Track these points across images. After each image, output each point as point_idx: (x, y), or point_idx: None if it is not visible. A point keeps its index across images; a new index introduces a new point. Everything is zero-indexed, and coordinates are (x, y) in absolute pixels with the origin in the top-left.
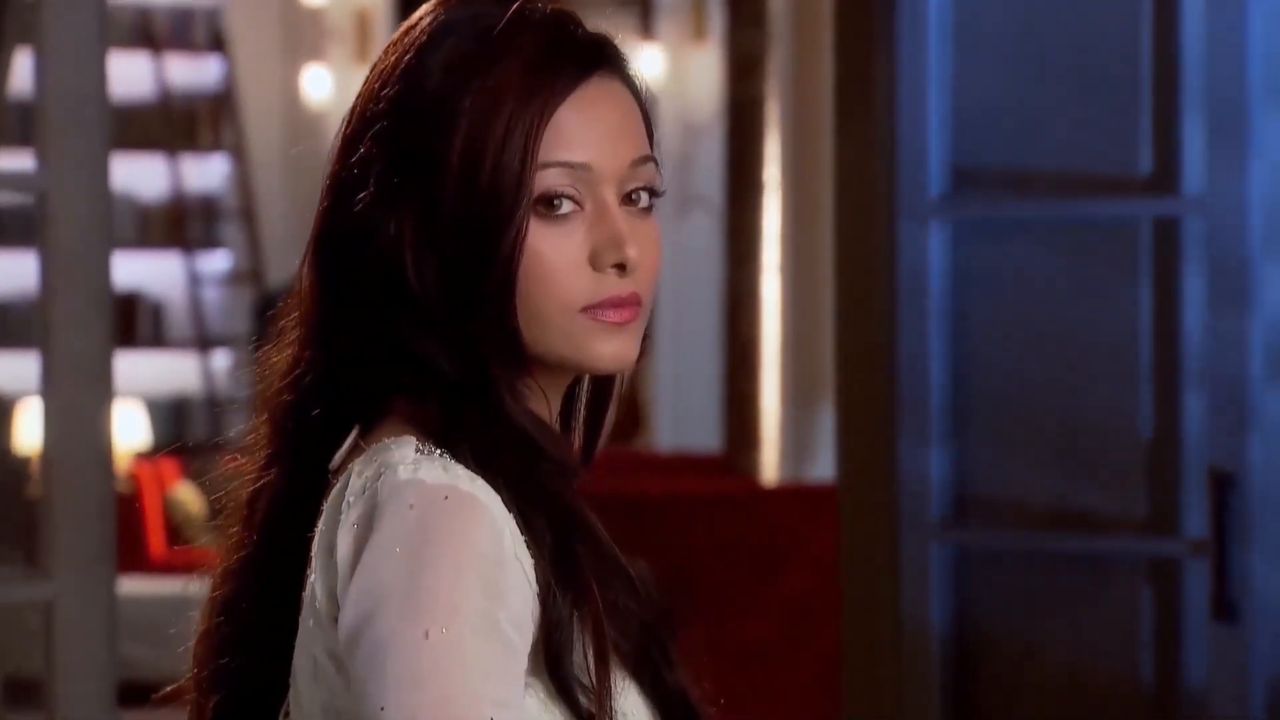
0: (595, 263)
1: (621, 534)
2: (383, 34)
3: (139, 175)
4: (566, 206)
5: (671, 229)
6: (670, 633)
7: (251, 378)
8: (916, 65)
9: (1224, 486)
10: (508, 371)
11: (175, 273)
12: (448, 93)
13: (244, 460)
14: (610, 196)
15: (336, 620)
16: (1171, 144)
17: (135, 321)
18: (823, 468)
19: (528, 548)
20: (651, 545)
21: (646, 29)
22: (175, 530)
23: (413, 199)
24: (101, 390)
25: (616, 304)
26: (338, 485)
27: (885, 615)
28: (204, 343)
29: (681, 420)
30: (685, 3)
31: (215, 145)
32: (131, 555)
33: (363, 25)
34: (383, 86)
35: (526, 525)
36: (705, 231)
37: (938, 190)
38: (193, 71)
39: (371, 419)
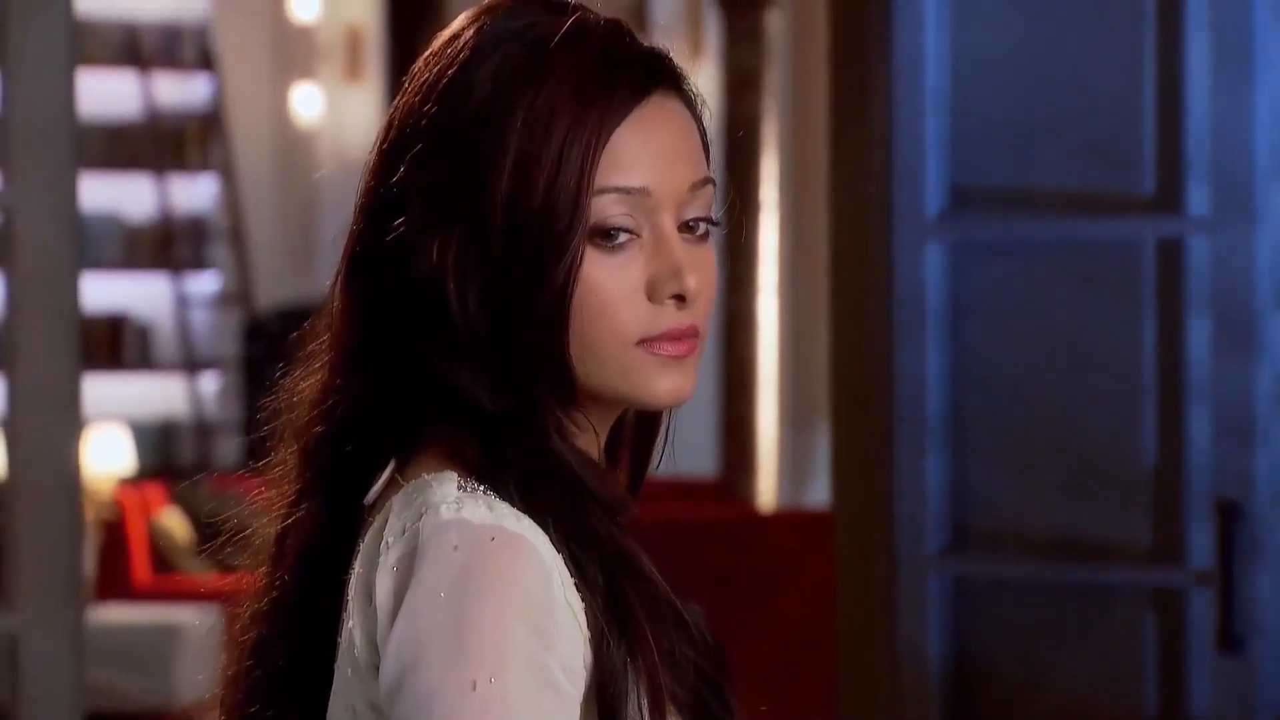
0: (653, 294)
1: None
2: (374, 52)
3: (126, 195)
4: (623, 236)
5: None
6: (726, 679)
7: (278, 404)
8: (913, 81)
9: (1230, 515)
10: (555, 407)
11: (162, 294)
12: (497, 110)
13: (271, 494)
14: (668, 223)
15: (377, 669)
16: (1175, 162)
17: (122, 344)
18: (821, 492)
19: (577, 591)
20: None
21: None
22: (161, 557)
23: (457, 223)
24: (69, 417)
25: (675, 337)
26: (374, 524)
27: (882, 646)
28: (191, 365)
29: (677, 444)
30: (681, 19)
31: (204, 165)
32: (115, 582)
33: (354, 43)
34: (424, 102)
35: (577, 568)
36: None
37: (935, 209)
38: (181, 90)
39: (408, 452)
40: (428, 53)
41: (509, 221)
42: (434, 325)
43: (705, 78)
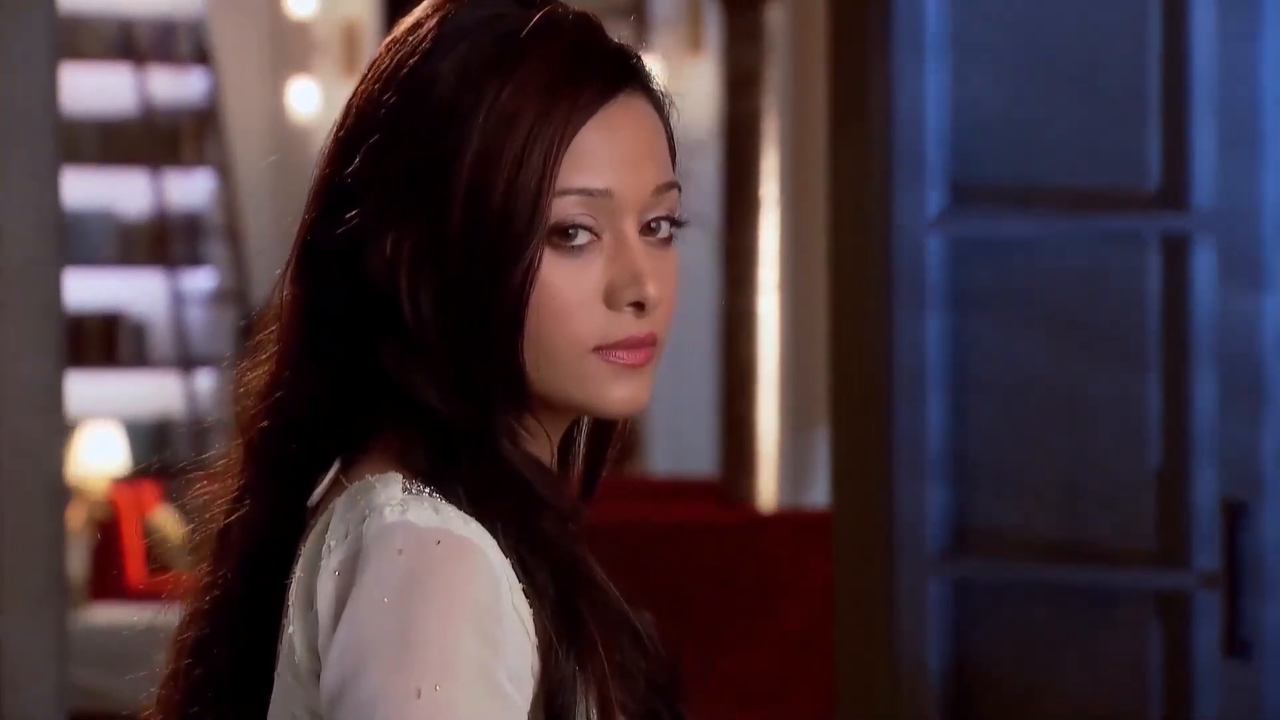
0: (611, 300)
1: (613, 562)
2: (371, 47)
3: (121, 191)
4: (583, 237)
5: None
6: (679, 692)
7: (229, 396)
8: (913, 77)
9: (1237, 517)
10: (506, 411)
11: (158, 292)
12: (459, 104)
13: (215, 488)
14: (630, 227)
15: (318, 676)
16: (1181, 156)
17: (116, 342)
18: (822, 494)
19: (526, 597)
20: (644, 574)
21: (642, 41)
22: (155, 556)
23: (413, 218)
24: (52, 418)
25: (632, 345)
26: (317, 527)
27: (881, 653)
28: (187, 363)
29: (676, 444)
30: (681, 15)
31: (199, 161)
32: (109, 582)
33: (350, 38)
34: (384, 91)
35: (526, 574)
36: (701, 251)
37: (936, 206)
38: (176, 85)
39: (355, 452)
40: (389, 39)
41: (467, 219)
42: (384, 322)
43: (705, 75)
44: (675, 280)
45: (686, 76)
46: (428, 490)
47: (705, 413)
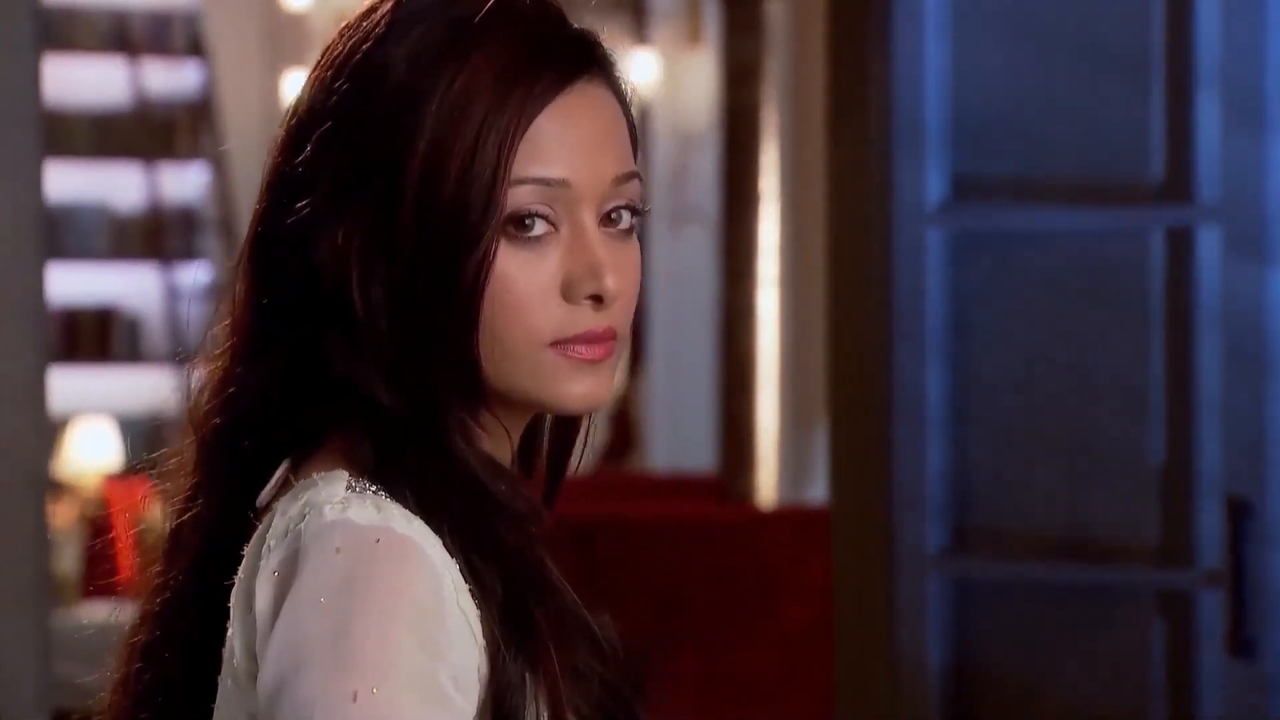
0: (569, 293)
1: (611, 560)
2: None
3: (114, 185)
4: (540, 228)
5: (665, 242)
6: (638, 695)
7: (181, 392)
8: (913, 66)
9: (1241, 515)
10: (460, 408)
11: (152, 286)
12: (411, 91)
13: (168, 486)
14: (589, 218)
15: (255, 679)
16: (1185, 149)
17: (110, 337)
18: (822, 491)
19: (473, 598)
20: (642, 571)
21: (640, 34)
22: (148, 553)
23: (365, 208)
24: (34, 413)
25: (590, 340)
26: (260, 526)
27: (880, 651)
28: (182, 358)
29: (675, 441)
30: (680, 7)
31: (194, 154)
32: (101, 580)
33: None
34: (335, 78)
35: (474, 576)
36: (700, 245)
37: (936, 199)
38: (171, 78)
39: (306, 450)
40: (344, 24)
41: (419, 209)
42: (334, 315)
43: (704, 68)
44: (637, 272)
45: (686, 69)
46: (373, 488)
47: (704, 408)
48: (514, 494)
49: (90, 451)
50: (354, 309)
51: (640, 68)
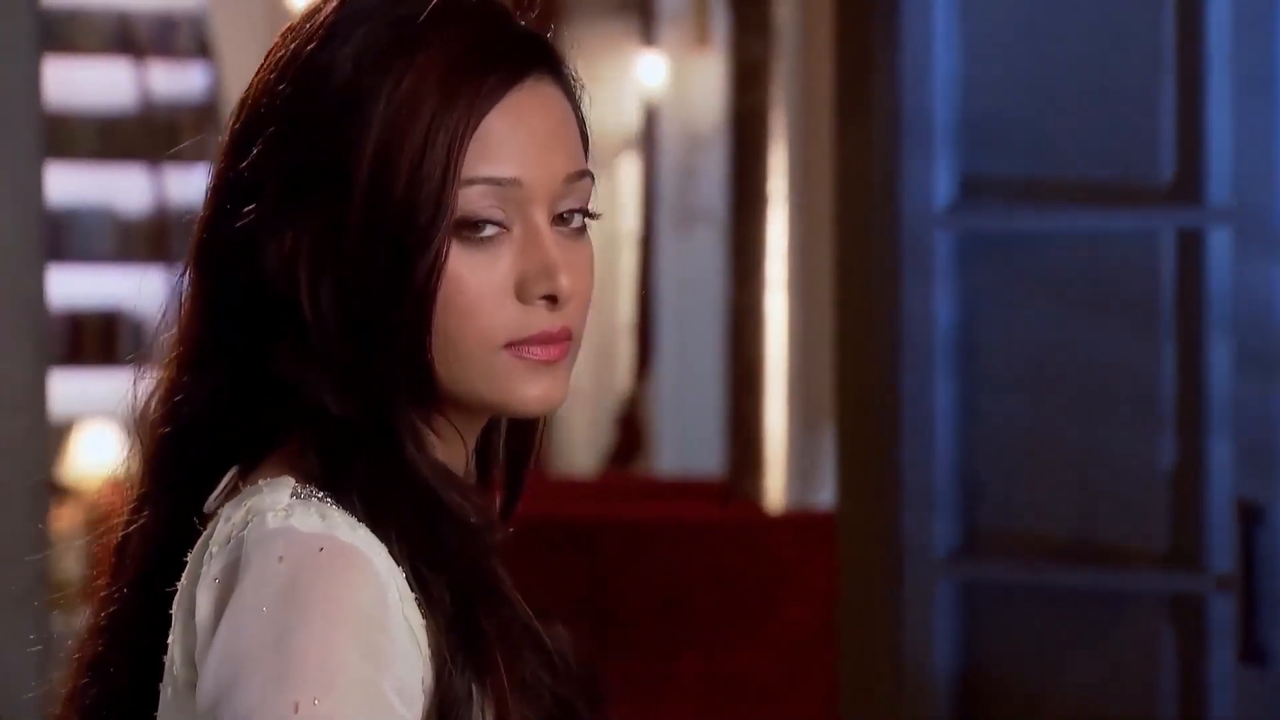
0: (522, 294)
1: (615, 561)
2: None
3: (119, 187)
4: (491, 229)
5: (673, 244)
6: (593, 707)
7: (129, 402)
8: (921, 65)
9: (1253, 520)
10: (411, 413)
11: (157, 289)
12: (357, 92)
13: (115, 499)
14: (541, 217)
15: (196, 688)
16: (1195, 149)
17: (115, 340)
18: (830, 493)
19: (419, 608)
20: (648, 573)
21: (647, 35)
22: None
23: (312, 212)
24: (34, 416)
25: (545, 340)
26: (205, 533)
27: (886, 656)
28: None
29: (682, 443)
30: (687, 8)
31: (199, 156)
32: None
33: None
34: (279, 80)
35: (421, 586)
36: (708, 246)
37: (944, 200)
38: (176, 80)
39: (255, 458)
40: (287, 25)
41: (368, 213)
42: (283, 321)
43: (712, 69)
44: (590, 272)
45: (693, 71)
46: (319, 495)
47: (711, 410)
48: (465, 502)
49: (94, 455)
50: (303, 314)
51: (648, 69)
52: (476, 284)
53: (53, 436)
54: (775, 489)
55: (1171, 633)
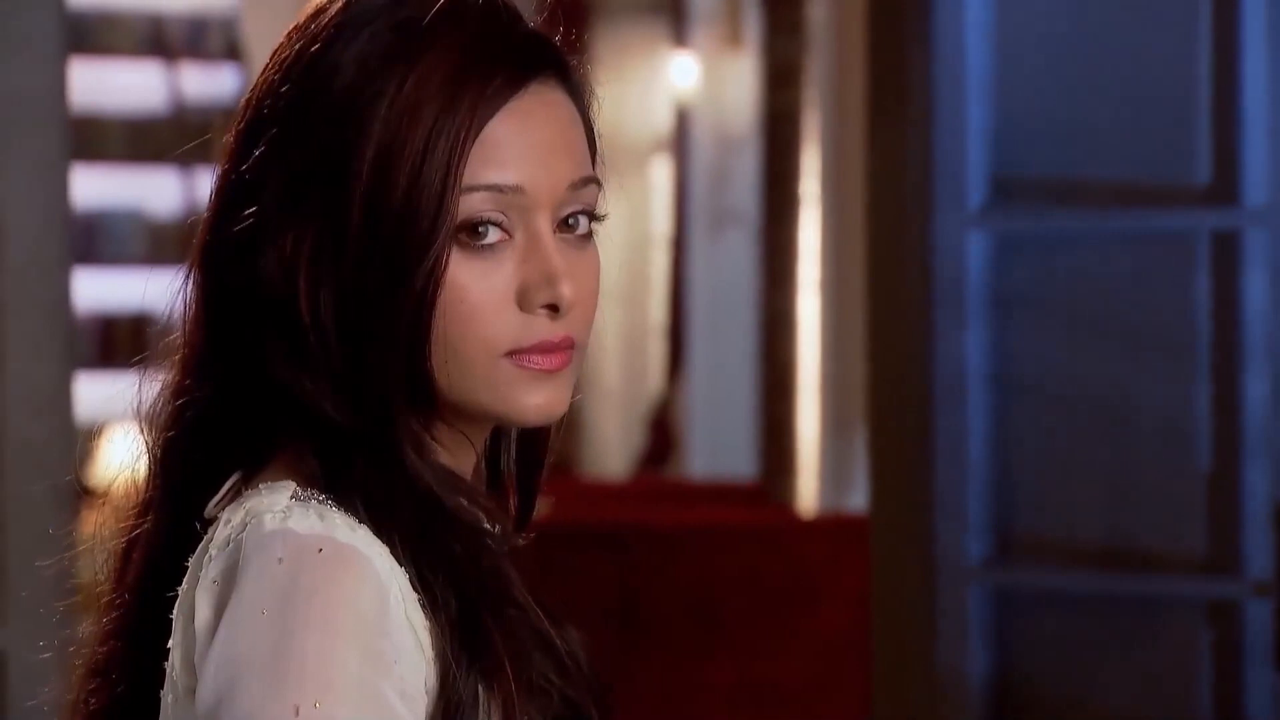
0: (524, 302)
1: (649, 565)
2: None
3: (151, 190)
4: (493, 235)
5: (705, 246)
6: (603, 709)
7: (133, 406)
8: (954, 67)
9: None
10: (412, 420)
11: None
12: (359, 95)
13: (120, 503)
14: (544, 224)
15: (194, 693)
16: (1231, 150)
17: (144, 344)
18: (864, 497)
19: (423, 610)
20: (680, 577)
21: (679, 37)
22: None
23: (312, 216)
24: (60, 420)
25: (546, 350)
26: (205, 536)
27: (919, 663)
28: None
29: (715, 446)
30: (720, 10)
31: None
32: None
33: None
34: (282, 82)
35: (424, 588)
36: (741, 249)
37: (977, 201)
38: (207, 82)
39: (258, 463)
40: (292, 26)
41: (368, 218)
42: (281, 325)
43: (745, 70)
44: (595, 280)
45: (726, 72)
46: (320, 498)
47: (745, 413)
48: (471, 504)
49: (126, 458)
50: (301, 319)
51: (680, 70)
52: (477, 291)
53: (83, 439)
54: (808, 492)
55: (1208, 638)
